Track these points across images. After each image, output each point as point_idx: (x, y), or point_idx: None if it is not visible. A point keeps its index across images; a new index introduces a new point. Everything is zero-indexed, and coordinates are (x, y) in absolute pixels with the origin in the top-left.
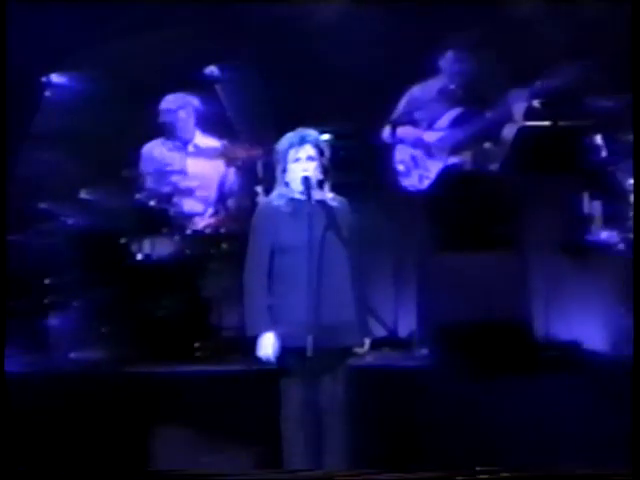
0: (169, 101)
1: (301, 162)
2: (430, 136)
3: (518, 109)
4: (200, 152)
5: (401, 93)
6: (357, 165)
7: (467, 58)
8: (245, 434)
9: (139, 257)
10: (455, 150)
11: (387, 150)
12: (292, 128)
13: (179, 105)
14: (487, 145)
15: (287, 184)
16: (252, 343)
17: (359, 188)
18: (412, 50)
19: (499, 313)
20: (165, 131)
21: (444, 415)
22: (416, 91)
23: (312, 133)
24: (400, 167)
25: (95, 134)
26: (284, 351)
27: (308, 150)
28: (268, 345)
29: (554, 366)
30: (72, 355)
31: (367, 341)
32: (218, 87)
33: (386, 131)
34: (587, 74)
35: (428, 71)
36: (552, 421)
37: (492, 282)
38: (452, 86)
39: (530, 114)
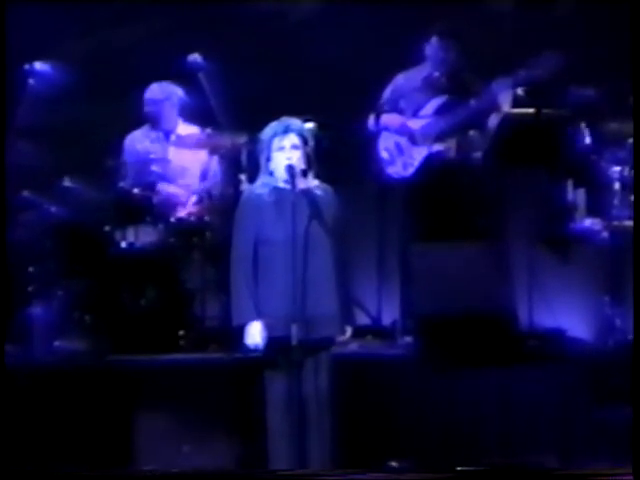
0: (153, 90)
1: (285, 151)
2: (414, 123)
3: (502, 98)
4: (183, 141)
5: (385, 81)
6: (341, 154)
7: (451, 46)
8: (229, 424)
9: (123, 245)
10: (439, 138)
11: (371, 138)
12: (276, 117)
13: (163, 94)
14: (471, 133)
15: (271, 173)
16: (238, 333)
17: (343, 177)
18: (397, 38)
19: (482, 303)
20: (148, 120)
21: (426, 405)
22: (401, 79)
23: (296, 122)
24: (384, 155)
25: (78, 123)
26: (268, 341)
27: (292, 139)
28: (256, 333)
29: (537, 356)
30: (55, 345)
31: (348, 329)
32: (201, 76)
33: (370, 119)
34: (570, 63)
35: (413, 59)
36: (534, 412)
37: (475, 272)
38: (437, 74)
39: (514, 103)
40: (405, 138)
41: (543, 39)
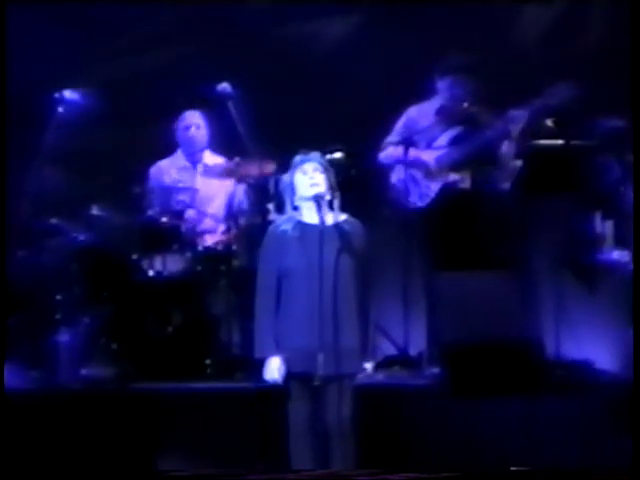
0: (182, 119)
1: (308, 174)
2: (428, 155)
3: (515, 127)
4: (211, 170)
5: (398, 114)
6: (363, 183)
7: (464, 80)
8: (252, 453)
9: (150, 273)
10: (454, 168)
11: (385, 170)
12: (303, 146)
13: (191, 123)
14: (486, 164)
15: (296, 208)
16: (259, 365)
17: (365, 206)
18: (409, 72)
19: (508, 332)
20: (177, 148)
21: (453, 435)
22: (413, 111)
23: (314, 153)
24: (400, 186)
25: (106, 151)
26: (292, 374)
27: (313, 165)
28: (274, 369)
29: (563, 387)
30: (81, 372)
31: (370, 364)
32: (230, 104)
33: (384, 152)
34: (587, 93)
35: (425, 92)
36: (560, 443)
37: (501, 301)
38: (450, 106)
39: (541, 133)
40: (419, 170)
41: (558, 69)
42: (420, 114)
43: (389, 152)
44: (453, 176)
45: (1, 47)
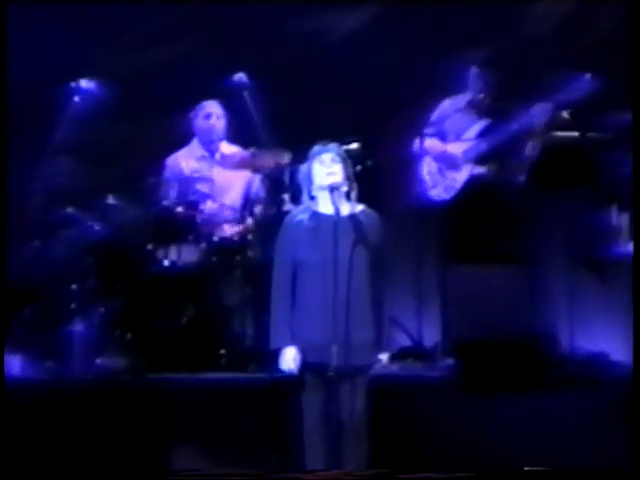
0: (201, 107)
1: (325, 164)
2: (456, 147)
3: (541, 121)
4: (227, 160)
5: (428, 105)
6: (382, 175)
7: (491, 73)
8: (266, 444)
9: (165, 264)
10: (480, 161)
11: (413, 161)
12: (320, 137)
13: (211, 112)
14: (511, 156)
15: (312, 198)
16: (274, 355)
17: (384, 198)
18: (427, 64)
19: (522, 326)
20: (194, 139)
21: (466, 427)
22: (446, 104)
23: (332, 144)
24: (427, 178)
25: (122, 141)
26: (306, 365)
27: (331, 155)
28: (290, 359)
29: (577, 380)
30: (95, 363)
31: (385, 355)
32: (246, 94)
33: (414, 142)
34: (605, 87)
35: (453, 83)
36: (574, 435)
37: (515, 294)
38: (478, 99)
39: (557, 126)
40: (447, 162)
41: (583, 62)
42: (452, 105)
43: (422, 143)
44: (479, 169)
45: (1, 47)
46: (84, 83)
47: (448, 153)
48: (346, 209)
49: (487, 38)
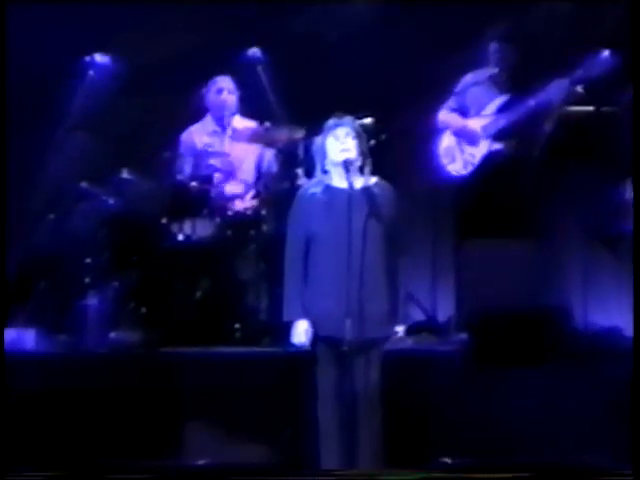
0: (213, 82)
1: (340, 139)
2: (476, 123)
3: (559, 97)
4: (241, 135)
5: (445, 80)
6: (398, 150)
7: (511, 48)
8: (280, 419)
9: (179, 238)
10: (499, 137)
11: (432, 136)
12: (334, 111)
13: (223, 87)
14: (530, 132)
15: (326, 171)
16: (287, 329)
17: (400, 173)
18: (456, 38)
19: (536, 301)
20: (207, 114)
21: (479, 402)
22: (468, 78)
23: (347, 118)
24: (445, 153)
25: (136, 116)
26: (320, 338)
27: (345, 129)
28: (301, 332)
29: (591, 355)
30: (110, 336)
31: (401, 327)
32: (260, 69)
33: (434, 116)
34: (621, 63)
35: (473, 59)
36: (587, 411)
37: (528, 269)
38: (498, 74)
39: (572, 101)
40: (466, 137)
41: (599, 38)
42: (474, 80)
43: (442, 118)
44: (497, 144)
45: (1, 47)
46: (99, 57)
47: (468, 128)
48: (359, 183)
49: (506, 12)
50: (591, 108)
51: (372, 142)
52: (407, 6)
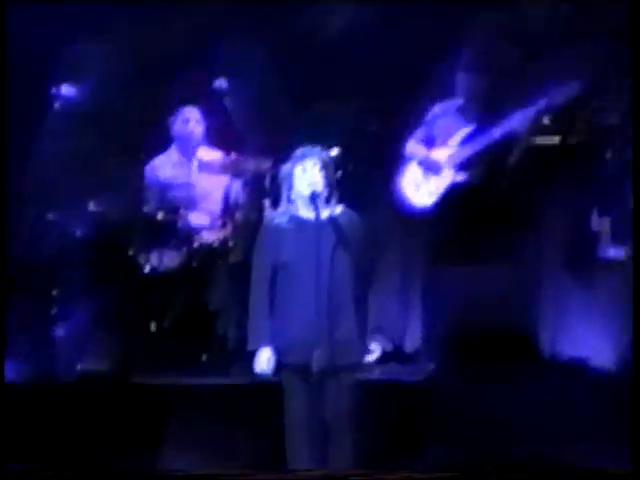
0: (180, 113)
1: (307, 172)
2: (440, 153)
3: (524, 126)
4: (207, 166)
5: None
6: (364, 180)
7: (477, 78)
8: (250, 447)
9: (147, 269)
10: (463, 167)
11: (397, 166)
12: (300, 142)
13: (190, 117)
14: (494, 162)
15: (292, 201)
16: (252, 357)
17: (365, 202)
18: (427, 70)
19: (505, 328)
20: (173, 144)
21: (450, 430)
22: (437, 108)
23: (315, 148)
24: (410, 183)
25: (103, 146)
26: (286, 367)
27: (313, 160)
28: (264, 361)
29: (560, 381)
30: (78, 366)
31: (372, 353)
32: (227, 100)
33: (400, 147)
34: (592, 91)
35: (442, 90)
36: (556, 437)
37: (497, 296)
38: (464, 104)
39: (537, 131)
40: (431, 168)
41: (566, 68)
42: (442, 110)
43: (409, 148)
44: (462, 175)
45: (1, 47)
46: (65, 88)
47: (433, 158)
48: (326, 212)
49: (474, 42)
50: (558, 137)
51: (339, 173)
52: (374, 37)
